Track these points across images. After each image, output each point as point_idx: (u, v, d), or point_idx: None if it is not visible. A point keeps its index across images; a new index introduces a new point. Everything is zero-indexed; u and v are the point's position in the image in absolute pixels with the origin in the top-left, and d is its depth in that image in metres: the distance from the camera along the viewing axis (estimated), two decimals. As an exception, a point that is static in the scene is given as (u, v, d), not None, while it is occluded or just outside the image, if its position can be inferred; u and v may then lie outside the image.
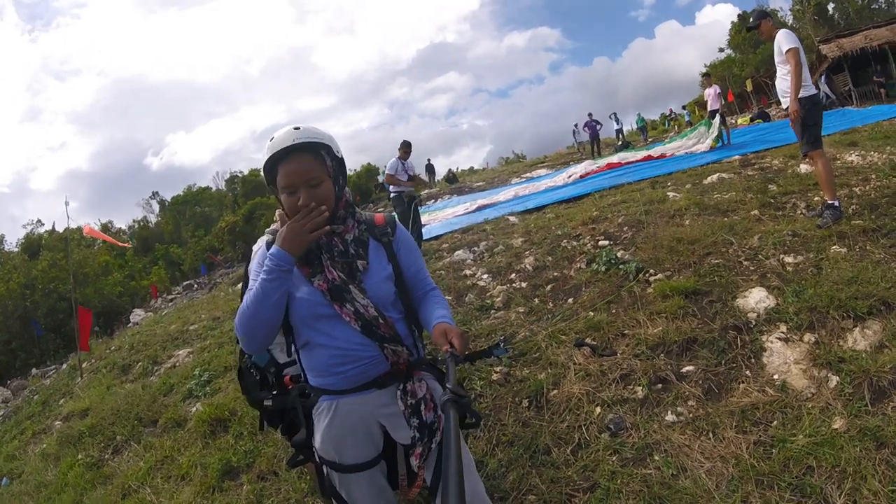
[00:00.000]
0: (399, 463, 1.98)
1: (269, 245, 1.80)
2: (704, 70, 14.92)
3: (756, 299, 3.70)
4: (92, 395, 7.11)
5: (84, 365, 9.54)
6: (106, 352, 10.32)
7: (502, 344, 2.10)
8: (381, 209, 20.74)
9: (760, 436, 2.65)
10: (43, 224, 37.89)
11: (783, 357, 3.10)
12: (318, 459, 1.92)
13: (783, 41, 4.96)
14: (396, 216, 2.25)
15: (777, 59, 5.07)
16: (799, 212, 5.25)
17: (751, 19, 5.62)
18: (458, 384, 1.44)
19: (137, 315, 15.44)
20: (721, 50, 43.61)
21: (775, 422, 2.70)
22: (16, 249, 35.59)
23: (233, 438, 4.29)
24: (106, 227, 45.47)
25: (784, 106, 5.07)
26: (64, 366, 11.71)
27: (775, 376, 3.01)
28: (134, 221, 51.44)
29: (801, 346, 3.14)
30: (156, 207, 53.39)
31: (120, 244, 13.28)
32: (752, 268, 4.22)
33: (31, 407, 9.12)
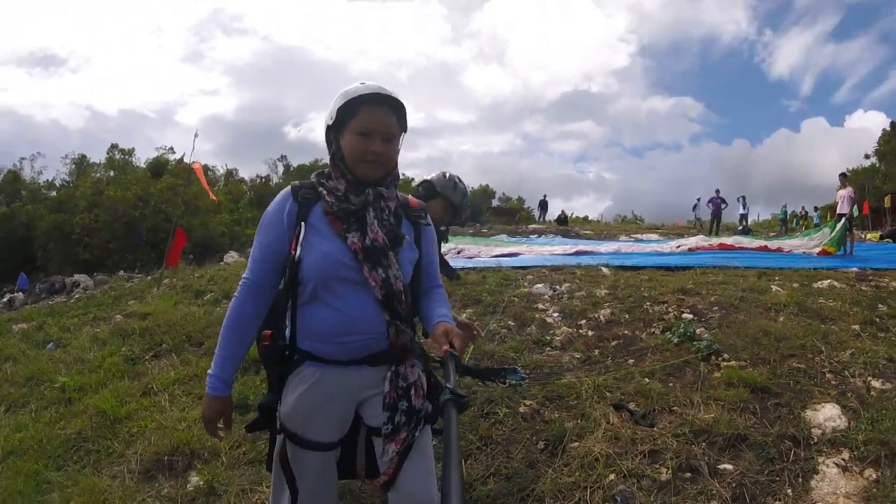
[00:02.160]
0: (358, 454, 1.82)
1: (293, 192, 1.73)
2: (844, 171, 13.73)
3: (826, 416, 3.19)
4: (158, 304, 7.41)
5: (165, 281, 10.00)
6: (189, 276, 10.68)
7: (520, 369, 1.95)
8: (486, 230, 20.65)
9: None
10: (174, 152, 39.64)
11: (835, 486, 2.61)
12: (278, 427, 1.77)
13: None
14: None
15: None
16: (904, 339, 4.58)
17: None
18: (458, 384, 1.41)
19: (231, 257, 16.08)
20: (867, 157, 39.78)
21: None
22: (143, 166, 37.85)
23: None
24: (230, 174, 47.49)
25: None
26: (149, 277, 12.37)
27: None
28: (257, 176, 53.43)
29: (859, 481, 2.63)
30: (280, 169, 55.28)
31: (211, 194, 13.86)
32: (833, 382, 3.68)
33: (103, 298, 9.70)
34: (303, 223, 1.67)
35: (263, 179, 52.70)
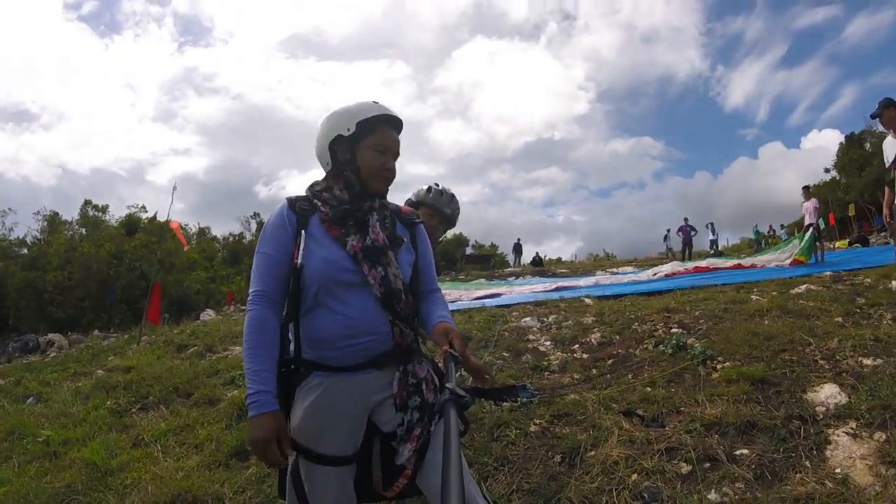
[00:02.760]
0: (374, 465, 1.77)
1: (290, 204, 1.76)
2: (807, 185, 14.15)
3: (827, 394, 3.27)
4: (141, 358, 7.22)
5: (144, 338, 9.77)
6: (169, 332, 10.45)
7: (529, 387, 1.94)
8: (462, 277, 20.65)
9: (812, 529, 2.25)
10: (147, 210, 38.35)
11: (849, 451, 2.67)
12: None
13: None
14: None
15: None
16: (885, 321, 4.71)
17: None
18: (458, 384, 1.38)
19: (208, 315, 15.78)
20: (827, 170, 40.71)
21: None
22: (115, 223, 36.74)
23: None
24: (202, 232, 46.58)
25: None
26: (126, 336, 12.08)
27: (837, 469, 2.58)
28: (230, 234, 52.11)
29: (870, 443, 2.70)
30: (253, 226, 54.30)
31: (185, 245, 13.82)
32: (827, 366, 3.77)
33: (81, 355, 9.42)
34: (303, 232, 1.71)
35: (237, 237, 51.90)
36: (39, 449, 4.40)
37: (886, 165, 5.19)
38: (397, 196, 2.59)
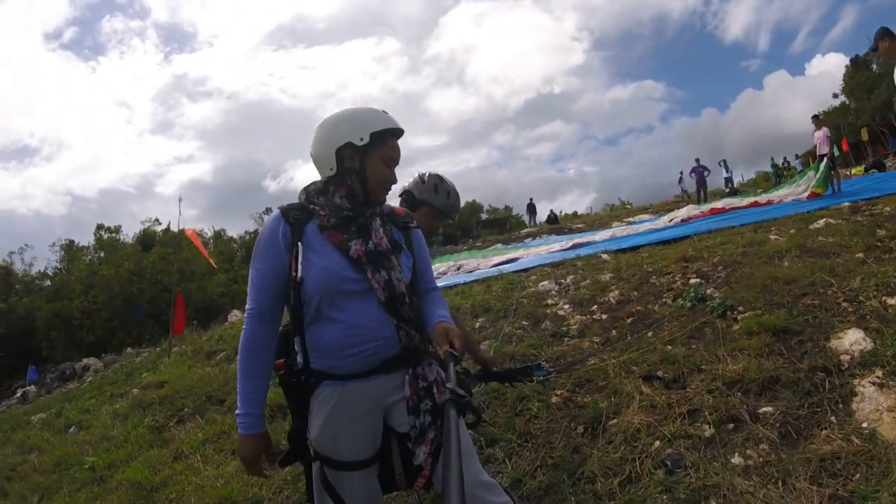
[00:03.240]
0: (395, 463, 1.79)
1: (283, 214, 1.72)
2: (816, 113, 13.72)
3: (851, 341, 3.17)
4: (172, 372, 7.39)
5: (174, 349, 9.97)
6: (197, 340, 10.65)
7: (544, 364, 1.93)
8: (479, 244, 20.57)
9: (838, 489, 2.18)
10: (160, 223, 38.82)
11: (875, 403, 2.58)
12: (311, 454, 1.73)
13: None
14: None
15: None
16: (909, 255, 4.57)
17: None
18: (458, 384, 1.39)
19: (235, 316, 16.04)
20: (835, 96, 39.36)
21: (858, 475, 2.22)
22: (130, 241, 37.44)
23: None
24: (218, 235, 47.15)
25: None
26: (157, 349, 12.33)
27: (864, 424, 2.50)
28: (245, 232, 52.66)
29: (898, 393, 2.62)
30: None
31: (208, 257, 13.92)
32: (850, 309, 3.65)
33: (116, 376, 9.64)
34: (299, 243, 1.66)
35: (252, 235, 52.52)
36: (86, 476, 4.55)
37: None
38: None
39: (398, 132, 1.77)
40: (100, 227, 37.98)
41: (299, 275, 1.63)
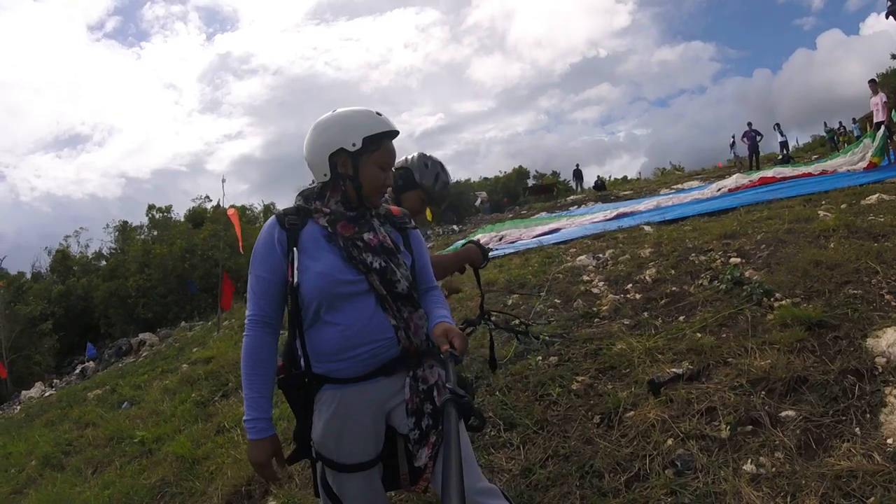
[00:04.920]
0: (400, 463, 1.78)
1: (279, 220, 1.70)
2: (873, 77, 12.73)
3: (889, 341, 2.93)
4: (220, 347, 7.63)
5: (224, 323, 10.26)
6: (245, 315, 10.93)
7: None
8: (525, 212, 20.33)
9: (849, 512, 2.05)
10: (210, 200, 39.65)
11: (904, 417, 2.43)
12: (314, 455, 1.74)
13: None
14: None
15: None
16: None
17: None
18: (459, 384, 1.37)
19: None
20: (893, 56, 35.90)
21: (873, 499, 2.06)
22: (182, 219, 38.20)
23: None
24: (268, 209, 47.24)
25: None
26: (209, 323, 12.73)
27: (889, 440, 2.32)
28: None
29: (931, 409, 2.43)
30: None
31: (240, 240, 14.10)
32: (893, 303, 3.42)
33: (169, 351, 10.01)
34: (294, 249, 1.65)
35: None
36: (136, 449, 4.79)
37: None
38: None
39: (392, 134, 1.72)
40: (151, 206, 39.05)
41: (295, 280, 1.63)
